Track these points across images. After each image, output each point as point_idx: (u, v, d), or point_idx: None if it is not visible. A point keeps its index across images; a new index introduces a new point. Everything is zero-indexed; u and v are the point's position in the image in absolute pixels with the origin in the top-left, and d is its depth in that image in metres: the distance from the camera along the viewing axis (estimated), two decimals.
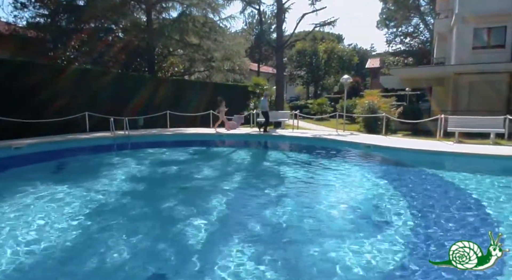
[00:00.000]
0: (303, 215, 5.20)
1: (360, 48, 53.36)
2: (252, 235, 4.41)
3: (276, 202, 5.81)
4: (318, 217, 5.15)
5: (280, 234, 4.53)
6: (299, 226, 4.76)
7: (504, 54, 16.02)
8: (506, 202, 5.63)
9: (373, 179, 7.42)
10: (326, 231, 4.59)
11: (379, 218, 5.04)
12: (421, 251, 3.93)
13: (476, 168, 8.30)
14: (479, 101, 16.10)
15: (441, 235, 4.36)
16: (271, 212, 5.31)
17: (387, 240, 4.16)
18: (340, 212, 5.37)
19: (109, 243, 4.14)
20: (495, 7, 15.96)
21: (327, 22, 19.22)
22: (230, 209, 5.56)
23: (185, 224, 4.73)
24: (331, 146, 11.49)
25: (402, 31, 35.22)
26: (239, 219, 5.14)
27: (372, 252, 3.84)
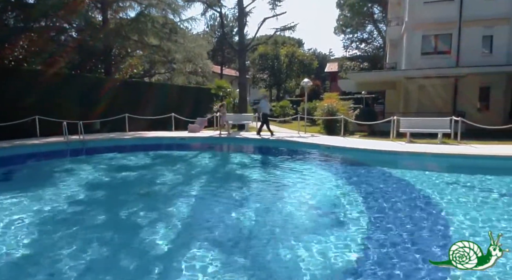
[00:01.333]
0: (265, 216, 5.28)
1: (320, 53, 55.24)
2: (215, 238, 4.38)
3: (239, 205, 5.84)
4: (281, 217, 5.24)
5: (242, 235, 4.54)
6: (261, 227, 4.81)
7: (450, 60, 17.41)
8: (451, 195, 6.11)
9: (333, 179, 7.70)
10: (288, 230, 4.68)
11: (339, 215, 5.23)
12: (379, 244, 4.14)
13: (425, 165, 8.96)
14: (428, 103, 17.36)
15: (396, 227, 4.65)
16: (234, 214, 5.32)
17: (346, 235, 4.34)
18: (302, 211, 5.51)
19: (62, 255, 3.89)
20: (441, 15, 17.32)
21: (287, 27, 19.67)
22: (192, 213, 5.48)
23: (145, 231, 4.59)
24: (294, 147, 11.75)
25: (358, 37, 37.12)
26: (201, 223, 5.08)
27: (331, 248, 3.98)
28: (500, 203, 5.69)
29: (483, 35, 16.91)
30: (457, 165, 9.06)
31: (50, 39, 17.30)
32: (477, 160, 9.07)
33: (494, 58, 16.64)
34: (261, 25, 19.54)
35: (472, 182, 7.12)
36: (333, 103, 14.86)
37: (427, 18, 17.60)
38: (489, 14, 16.49)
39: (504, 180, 7.30)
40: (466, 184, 6.98)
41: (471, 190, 6.50)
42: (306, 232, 4.62)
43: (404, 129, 11.66)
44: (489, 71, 15.99)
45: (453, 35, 17.43)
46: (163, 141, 13.96)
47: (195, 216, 5.40)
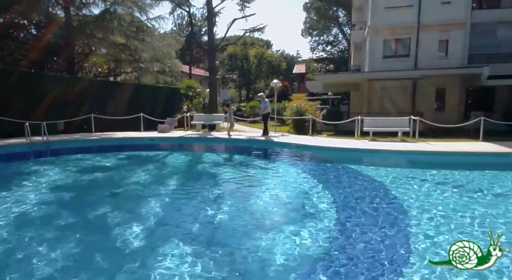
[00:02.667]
0: (237, 213, 5.45)
1: (288, 54, 56.26)
2: (188, 237, 4.44)
3: (211, 203, 5.95)
4: (253, 214, 5.44)
5: (216, 232, 4.68)
6: (234, 223, 4.97)
7: (409, 63, 18.51)
8: (412, 188, 6.63)
9: (302, 176, 8.04)
10: (261, 225, 4.89)
11: (309, 208, 5.54)
12: (347, 235, 4.47)
13: (386, 161, 9.57)
14: (390, 104, 18.34)
15: (361, 220, 5.01)
16: (206, 212, 5.43)
17: (315, 229, 4.62)
18: (273, 207, 5.75)
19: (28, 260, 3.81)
20: (401, 21, 18.37)
21: (256, 28, 19.96)
22: (165, 212, 5.51)
23: (113, 233, 4.57)
24: (265, 146, 12.02)
25: (324, 40, 38.25)
26: (173, 221, 5.13)
27: (303, 241, 4.23)
28: (451, 193, 6.27)
29: (439, 39, 18.13)
30: (414, 160, 9.76)
31: (7, 35, 16.35)
32: (432, 156, 9.83)
33: (450, 61, 17.91)
34: (230, 25, 19.68)
35: (427, 176, 7.74)
36: (301, 104, 15.33)
37: (388, 23, 18.60)
38: (445, 19, 17.72)
39: (455, 173, 7.99)
40: (422, 178, 7.58)
41: (427, 183, 7.08)
42: (277, 225, 4.86)
43: (367, 128, 12.31)
44: (445, 73, 17.17)
45: (412, 39, 18.54)
46: (132, 141, 13.70)
47: (167, 215, 5.43)
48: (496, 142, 10.83)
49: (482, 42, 17.65)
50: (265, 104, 14.13)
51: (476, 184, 6.98)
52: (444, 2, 17.78)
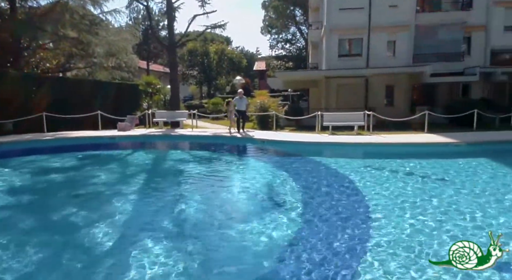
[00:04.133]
0: (207, 208, 5.65)
1: (247, 51, 56.66)
2: (159, 235, 4.46)
3: (182, 200, 6.07)
4: (224, 207, 5.72)
5: (189, 228, 4.80)
6: (205, 218, 5.17)
7: (362, 61, 19.73)
8: (369, 177, 7.30)
9: (269, 169, 8.44)
10: (233, 219, 5.18)
11: (277, 201, 5.91)
12: (313, 224, 4.91)
13: (346, 153, 10.32)
14: (345, 100, 19.43)
15: (327, 208, 5.51)
16: (177, 209, 5.57)
17: (283, 215, 5.02)
18: (243, 200, 6.07)
19: None
20: (354, 22, 19.48)
21: (217, 25, 19.95)
22: (133, 213, 5.45)
23: (81, 236, 4.50)
24: (231, 142, 12.25)
25: (283, 38, 39.18)
26: (142, 222, 5.04)
27: (271, 232, 4.53)
28: (402, 179, 7.04)
29: (388, 40, 19.54)
30: (370, 151, 10.62)
31: None
32: (384, 147, 10.75)
33: (397, 60, 19.40)
34: (191, 21, 19.43)
35: (382, 165, 8.53)
36: (265, 100, 15.75)
37: (342, 23, 19.64)
38: (393, 21, 19.12)
39: (405, 161, 8.87)
40: (377, 167, 8.34)
41: (382, 171, 7.82)
42: (247, 217, 5.18)
43: (327, 123, 13.05)
44: (393, 71, 18.62)
45: (363, 40, 19.77)
46: (90, 141, 13.17)
47: (135, 216, 5.38)
48: (438, 134, 12.07)
49: (425, 42, 19.31)
50: (245, 101, 13.90)
51: (423, 171, 7.86)
52: (392, 5, 19.16)
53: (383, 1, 19.01)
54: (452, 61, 18.85)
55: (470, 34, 19.35)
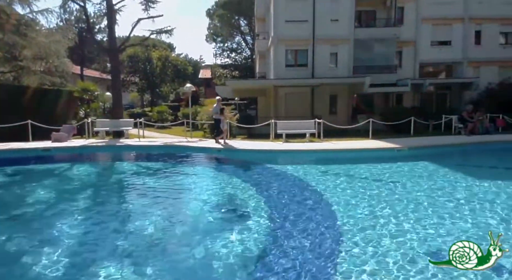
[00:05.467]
0: (168, 221, 5.32)
1: (191, 59, 55.71)
2: (106, 258, 4.07)
3: (136, 217, 5.59)
4: (184, 220, 5.43)
5: (141, 250, 4.36)
6: (164, 233, 4.84)
7: (308, 71, 20.56)
8: (323, 182, 7.52)
9: (229, 178, 8.24)
10: (194, 232, 4.92)
11: (239, 209, 5.80)
12: (277, 232, 4.85)
13: (302, 160, 10.55)
14: (293, 108, 20.04)
15: (287, 213, 5.53)
16: (133, 225, 5.14)
17: (248, 229, 4.85)
18: (204, 211, 5.77)
19: None
20: (299, 33, 20.28)
21: (164, 30, 19.23)
22: (78, 234, 4.88)
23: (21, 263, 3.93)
24: (186, 152, 11.71)
25: (228, 47, 39.29)
26: (91, 242, 4.57)
27: (237, 242, 4.38)
28: (352, 182, 7.41)
29: (330, 52, 20.70)
30: (323, 157, 10.98)
31: None
32: (338, 153, 11.22)
33: (339, 71, 20.62)
34: (135, 25, 18.42)
35: (334, 169, 8.94)
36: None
37: (288, 35, 20.33)
38: (334, 35, 20.32)
39: (357, 166, 9.35)
40: (330, 171, 8.69)
41: (336, 176, 8.13)
42: (207, 230, 4.93)
43: (280, 131, 13.24)
44: (335, 82, 19.75)
45: (309, 51, 20.67)
46: (19, 154, 11.57)
47: (82, 236, 4.85)
48: (382, 140, 12.98)
49: (363, 55, 20.86)
50: (215, 109, 12.82)
51: (372, 174, 8.40)
52: (333, 19, 20.39)
53: (326, 15, 20.14)
54: (386, 73, 20.57)
55: (401, 49, 21.40)
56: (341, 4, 20.15)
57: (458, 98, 21.38)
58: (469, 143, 12.72)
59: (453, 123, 15.42)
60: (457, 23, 21.21)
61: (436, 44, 21.62)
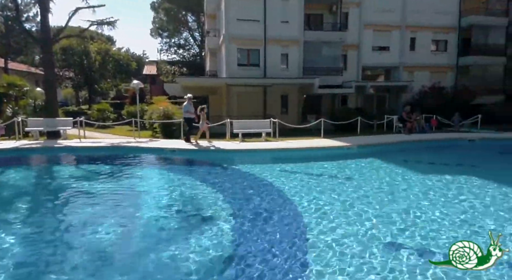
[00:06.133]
0: (125, 227, 4.99)
1: (134, 54, 52.67)
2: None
3: (95, 221, 5.12)
4: (142, 225, 5.13)
5: (106, 254, 4.14)
6: (123, 240, 4.56)
7: (260, 71, 20.64)
8: (284, 180, 7.57)
9: (185, 179, 7.88)
10: (153, 237, 4.66)
11: (201, 212, 5.60)
12: (244, 232, 4.77)
13: (260, 159, 10.56)
14: (246, 107, 19.96)
15: (252, 213, 5.48)
16: (87, 233, 4.70)
17: (213, 231, 4.71)
18: (164, 216, 5.46)
19: None
20: (251, 33, 20.25)
21: (105, 22, 17.75)
22: (26, 246, 4.38)
23: None
24: (136, 153, 10.91)
25: (175, 43, 37.78)
26: (37, 255, 4.13)
27: (201, 245, 4.26)
28: (308, 178, 7.68)
29: (281, 53, 21.02)
30: (280, 156, 11.09)
31: None
32: (295, 152, 11.40)
33: (290, 72, 21.05)
34: (72, 15, 16.65)
35: (294, 167, 9.14)
36: (168, 107, 14.71)
37: (240, 34, 20.19)
38: (285, 36, 20.68)
39: (310, 164, 9.66)
40: (289, 169, 8.86)
41: (294, 174, 8.29)
42: (174, 232, 4.79)
43: (237, 130, 13.04)
44: (286, 82, 20.13)
45: (260, 51, 20.77)
46: None
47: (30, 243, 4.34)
48: (333, 139, 13.49)
49: (312, 57, 21.56)
50: (185, 108, 12.38)
51: (327, 170, 8.82)
52: (283, 21, 20.74)
53: (277, 16, 20.41)
54: (333, 75, 21.51)
55: (346, 52, 22.56)
56: (290, 6, 20.58)
57: (396, 100, 23.22)
58: (408, 141, 13.79)
59: (394, 123, 16.66)
60: (395, 30, 23.00)
61: (376, 49, 23.21)
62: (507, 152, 12.45)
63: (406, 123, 15.57)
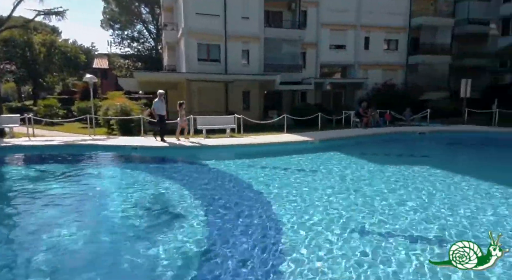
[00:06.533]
0: (85, 230, 4.70)
1: (82, 46, 49.23)
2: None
3: (54, 223, 4.84)
4: (105, 225, 4.94)
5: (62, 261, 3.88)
6: (86, 241, 4.32)
7: (221, 67, 20.41)
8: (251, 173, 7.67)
9: (150, 177, 7.62)
10: (117, 235, 4.54)
11: (170, 209, 5.53)
12: (217, 227, 4.76)
13: (225, 155, 10.50)
14: (208, 103, 19.66)
15: (222, 208, 5.47)
16: (44, 236, 4.41)
17: (183, 228, 4.65)
18: (131, 215, 5.27)
19: None
20: (211, 28, 19.93)
21: (53, 11, 16.41)
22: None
23: None
24: (94, 151, 10.26)
25: (129, 35, 35.86)
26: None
27: (173, 242, 4.20)
28: (277, 173, 7.88)
29: (242, 49, 20.97)
30: (245, 152, 11.06)
31: None
32: (260, 147, 11.49)
33: (251, 68, 21.08)
34: (18, 4, 15.11)
35: (261, 162, 9.26)
36: (125, 103, 14.01)
37: (200, 28, 19.78)
38: (246, 32, 20.64)
39: (277, 158, 9.86)
40: (258, 164, 8.96)
41: (264, 168, 8.41)
42: (141, 232, 4.63)
43: (201, 126, 12.81)
44: (248, 78, 20.14)
45: (221, 46, 20.54)
46: None
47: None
48: (297, 134, 13.80)
49: (273, 54, 21.79)
50: (156, 104, 11.83)
51: (293, 164, 9.12)
52: (244, 17, 20.69)
53: (237, 12, 20.29)
54: (293, 72, 21.96)
55: (305, 50, 23.12)
56: (251, 2, 20.55)
57: (351, 96, 24.32)
58: (365, 135, 14.54)
59: (352, 118, 17.46)
60: (350, 29, 24.03)
61: (333, 48, 24.09)
62: (453, 143, 13.66)
63: (363, 118, 16.39)
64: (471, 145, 13.19)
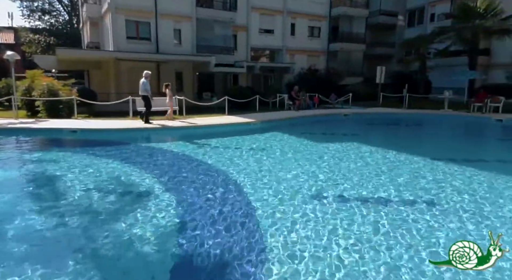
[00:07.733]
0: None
1: None
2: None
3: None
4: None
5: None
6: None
7: (152, 46, 19.54)
8: (205, 154, 8.03)
9: (100, 161, 7.29)
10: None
11: (130, 189, 5.54)
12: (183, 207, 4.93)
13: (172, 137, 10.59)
14: (137, 84, 18.67)
15: (184, 186, 5.80)
16: None
17: (151, 208, 4.70)
18: (91, 199, 5.08)
19: None
20: (140, 4, 18.82)
21: None
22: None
23: None
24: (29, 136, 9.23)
25: (39, 7, 30.98)
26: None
27: (143, 223, 4.22)
28: (221, 152, 8.34)
29: (174, 28, 20.31)
30: (191, 134, 11.25)
31: None
32: (206, 129, 11.79)
33: (183, 48, 20.63)
34: None
35: (209, 143, 9.58)
36: (53, 82, 12.63)
37: (128, 4, 18.53)
38: (177, 11, 20.01)
39: (225, 139, 10.34)
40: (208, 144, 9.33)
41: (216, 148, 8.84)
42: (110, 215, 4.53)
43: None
44: (182, 59, 19.73)
45: (151, 24, 19.59)
46: None
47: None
48: (238, 116, 14.36)
49: (205, 35, 21.62)
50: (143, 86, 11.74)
51: (241, 144, 9.63)
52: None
53: None
54: (225, 54, 22.13)
55: (236, 33, 23.43)
56: None
57: (280, 80, 25.69)
58: (299, 117, 15.85)
59: (285, 100, 18.68)
60: (278, 15, 25.06)
61: (263, 32, 24.90)
62: (372, 123, 15.88)
63: (295, 101, 17.71)
64: (387, 124, 15.58)
